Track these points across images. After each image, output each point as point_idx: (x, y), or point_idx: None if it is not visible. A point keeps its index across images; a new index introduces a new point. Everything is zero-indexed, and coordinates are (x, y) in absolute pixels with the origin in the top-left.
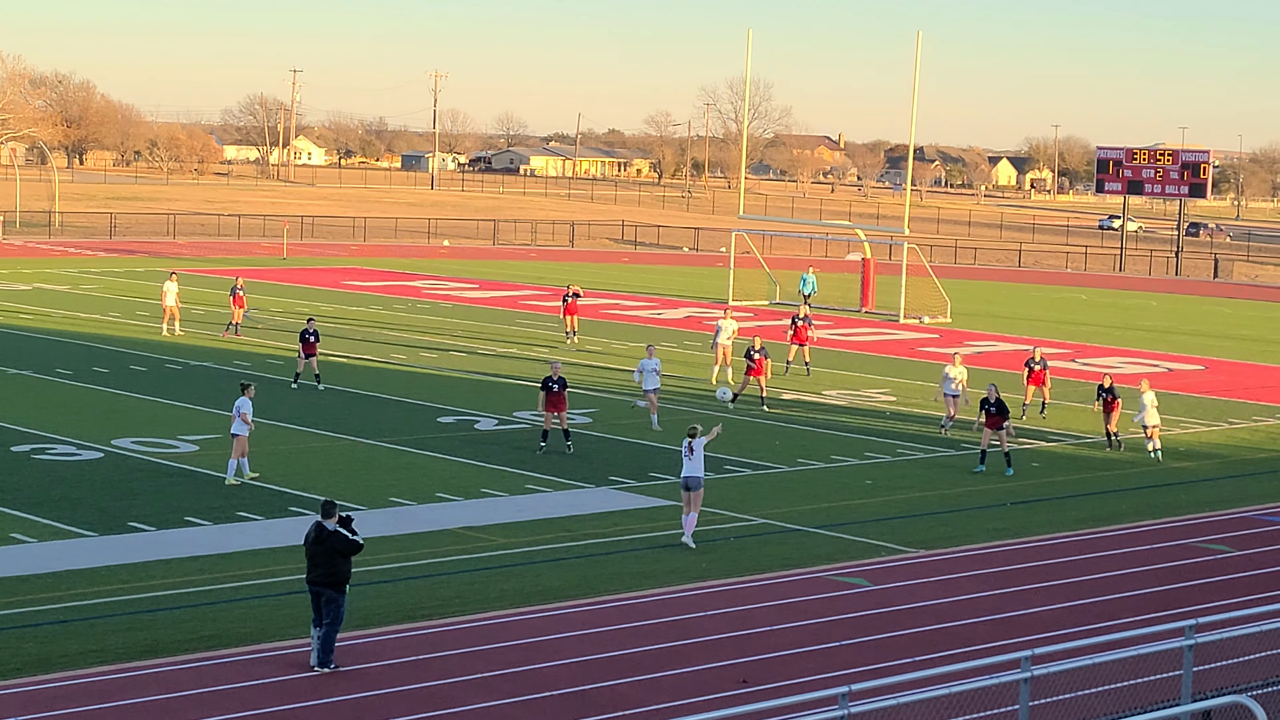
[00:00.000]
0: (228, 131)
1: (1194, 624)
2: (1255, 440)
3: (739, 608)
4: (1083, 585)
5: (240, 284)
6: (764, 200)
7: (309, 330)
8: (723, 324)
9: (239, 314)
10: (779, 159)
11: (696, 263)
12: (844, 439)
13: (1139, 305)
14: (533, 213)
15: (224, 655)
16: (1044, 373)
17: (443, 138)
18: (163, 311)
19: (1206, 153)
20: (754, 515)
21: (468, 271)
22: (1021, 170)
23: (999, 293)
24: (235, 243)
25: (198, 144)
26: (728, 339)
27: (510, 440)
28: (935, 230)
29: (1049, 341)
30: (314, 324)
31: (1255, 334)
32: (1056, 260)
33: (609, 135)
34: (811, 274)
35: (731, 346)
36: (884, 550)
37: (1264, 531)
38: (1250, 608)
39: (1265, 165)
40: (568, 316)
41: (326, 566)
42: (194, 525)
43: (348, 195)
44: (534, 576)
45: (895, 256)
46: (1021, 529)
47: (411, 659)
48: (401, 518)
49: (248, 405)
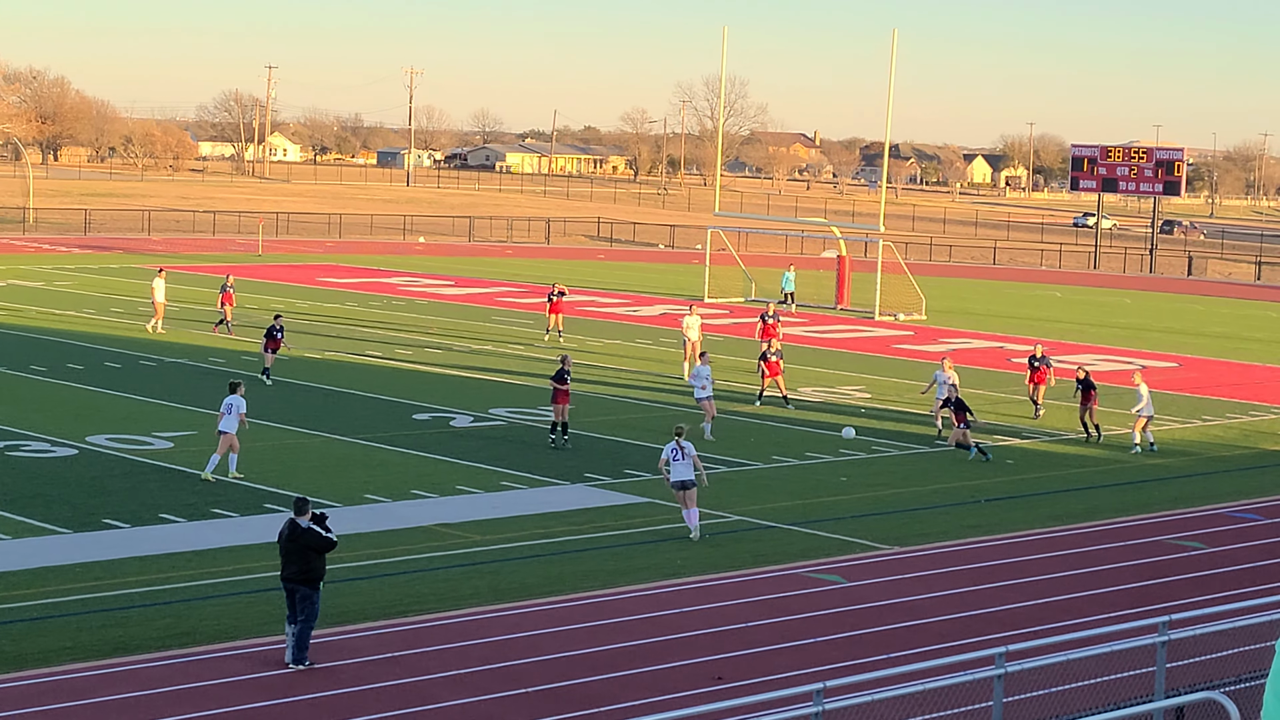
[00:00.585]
0: (203, 128)
1: (1167, 620)
2: (1228, 437)
3: (714, 604)
4: (1056, 582)
5: (230, 281)
6: (740, 197)
7: (275, 327)
8: (688, 320)
9: (230, 311)
10: (755, 156)
11: (672, 260)
12: (819, 436)
13: (1113, 303)
14: (508, 210)
15: (198, 652)
16: (1046, 370)
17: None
18: (154, 308)
19: (1181, 151)
20: (729, 512)
21: (443, 268)
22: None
23: (974, 290)
24: (210, 239)
25: (173, 140)
26: (695, 335)
27: (486, 437)
28: (910, 228)
29: (1024, 339)
30: (281, 321)
31: (1229, 331)
32: (1031, 258)
33: (585, 132)
34: (792, 272)
35: (699, 342)
36: (859, 547)
37: (1237, 528)
38: (1223, 604)
39: (1239, 163)
40: (552, 315)
41: (300, 564)
42: (168, 522)
43: (323, 192)
44: (509, 573)
45: (870, 254)
46: (996, 526)
47: (386, 656)
48: (377, 515)
49: (242, 404)
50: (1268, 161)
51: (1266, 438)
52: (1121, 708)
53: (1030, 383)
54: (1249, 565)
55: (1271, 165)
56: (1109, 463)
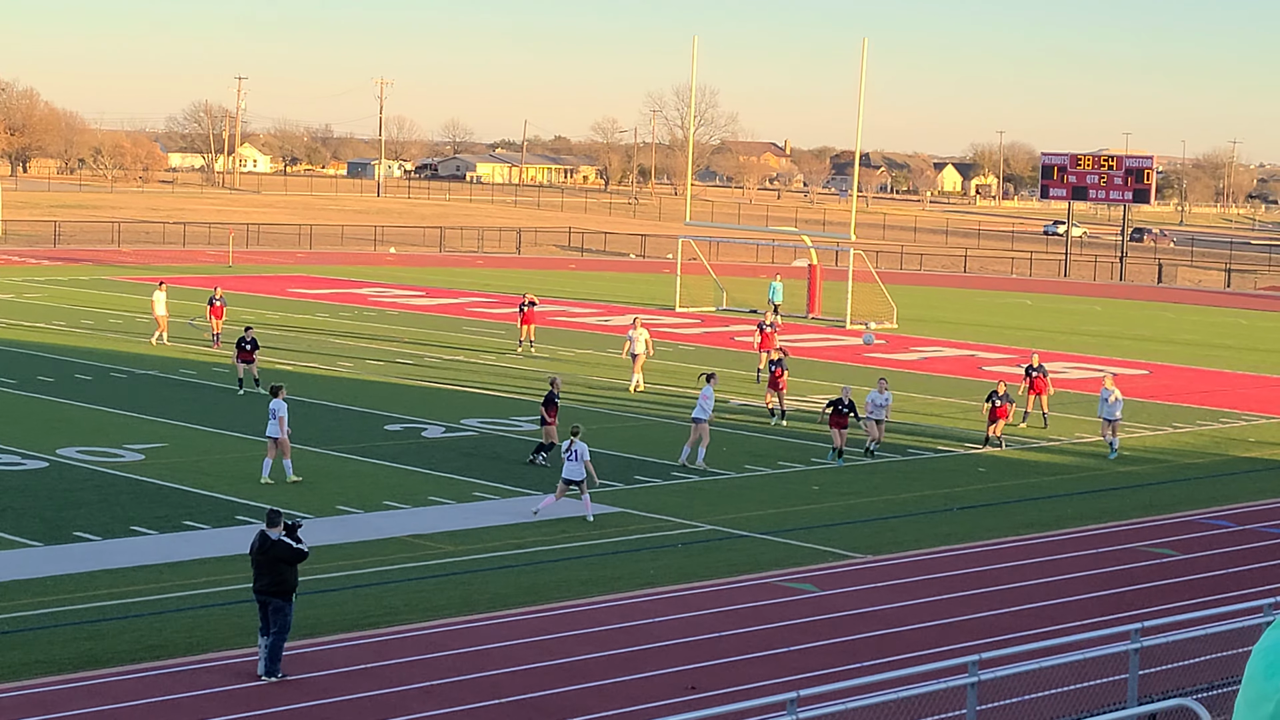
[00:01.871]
0: (172, 139)
1: (1139, 628)
2: (1199, 444)
3: (687, 614)
4: (1029, 590)
5: (219, 294)
6: (710, 207)
7: (246, 339)
8: (633, 334)
9: (218, 324)
10: (725, 165)
11: (643, 269)
12: (790, 444)
13: (1084, 310)
14: (479, 220)
15: (170, 665)
16: (1044, 380)
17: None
18: (156, 322)
19: (1150, 158)
20: (701, 521)
21: (414, 279)
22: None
23: (945, 298)
24: (180, 250)
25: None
26: (641, 348)
27: (458, 447)
28: (881, 236)
29: (995, 347)
30: (252, 333)
31: (1199, 339)
32: (1002, 266)
33: (555, 142)
34: (779, 281)
35: (645, 356)
36: (831, 555)
37: (1208, 535)
38: (1195, 611)
39: (1208, 171)
40: (524, 325)
41: (272, 575)
42: (140, 534)
43: (293, 202)
44: (482, 584)
45: (841, 262)
46: (968, 534)
47: (359, 667)
48: (349, 526)
49: (282, 408)
50: (1236, 169)
51: (1237, 444)
52: (1095, 714)
53: (1031, 393)
54: (1220, 572)
55: (1240, 173)
56: (1080, 470)
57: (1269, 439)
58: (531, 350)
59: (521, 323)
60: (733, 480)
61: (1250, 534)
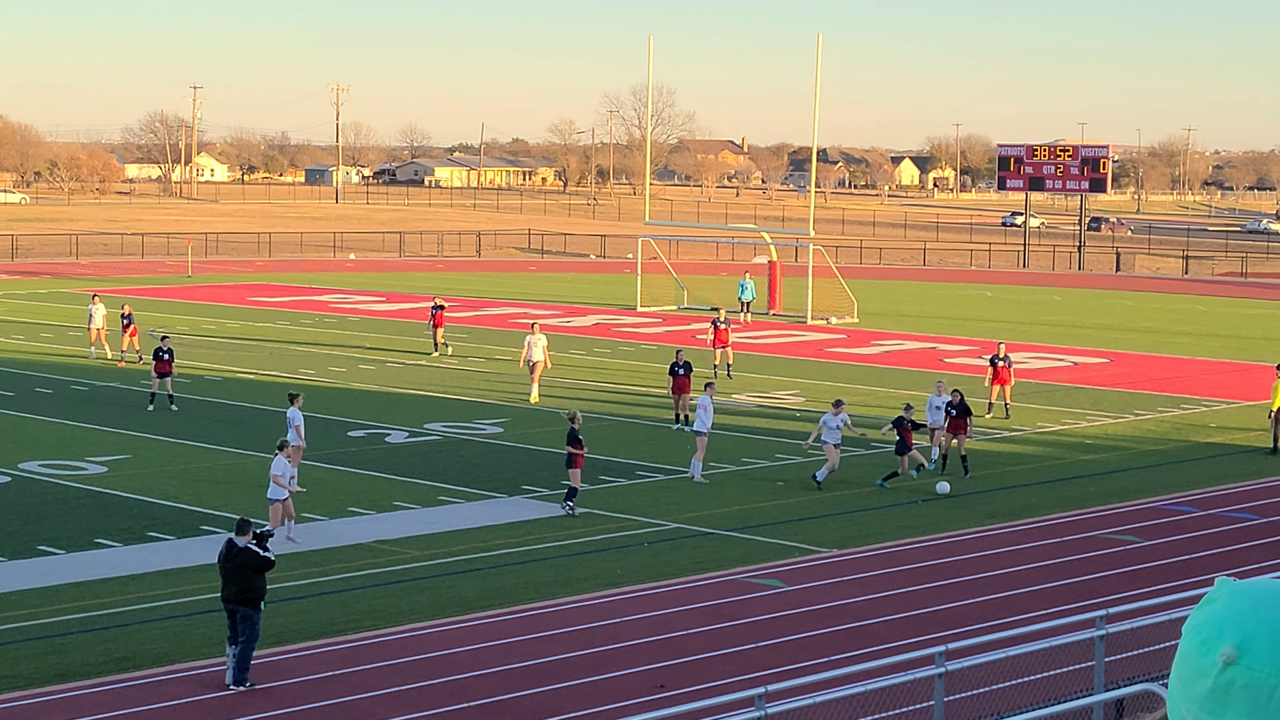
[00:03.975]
0: (129, 150)
1: (1104, 615)
2: (1160, 431)
3: (655, 613)
4: (994, 580)
5: (126, 309)
6: (670, 206)
7: (163, 349)
8: (531, 340)
9: (127, 341)
10: (683, 164)
11: (604, 270)
12: (754, 441)
13: (1043, 300)
14: (439, 224)
15: (138, 677)
16: (1008, 370)
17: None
18: (92, 334)
19: (1106, 148)
20: (667, 520)
21: (374, 284)
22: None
23: (905, 292)
24: (139, 261)
25: (99, 163)
26: (540, 356)
27: (422, 452)
28: (840, 231)
29: (956, 339)
30: (168, 342)
31: (1158, 326)
32: (961, 258)
33: (513, 145)
34: (749, 279)
35: (543, 364)
36: (797, 551)
37: (1171, 521)
38: (1159, 597)
39: (1164, 159)
40: (436, 329)
41: (240, 584)
42: (104, 547)
43: (252, 211)
44: (448, 588)
45: (801, 258)
46: (933, 526)
47: (328, 674)
48: (314, 533)
49: (297, 416)
50: (1192, 156)
51: (1198, 430)
52: (1062, 702)
53: (994, 383)
54: (1184, 557)
55: (1195, 160)
56: (1043, 460)
57: (1230, 424)
58: (448, 353)
59: (434, 326)
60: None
61: (1213, 519)
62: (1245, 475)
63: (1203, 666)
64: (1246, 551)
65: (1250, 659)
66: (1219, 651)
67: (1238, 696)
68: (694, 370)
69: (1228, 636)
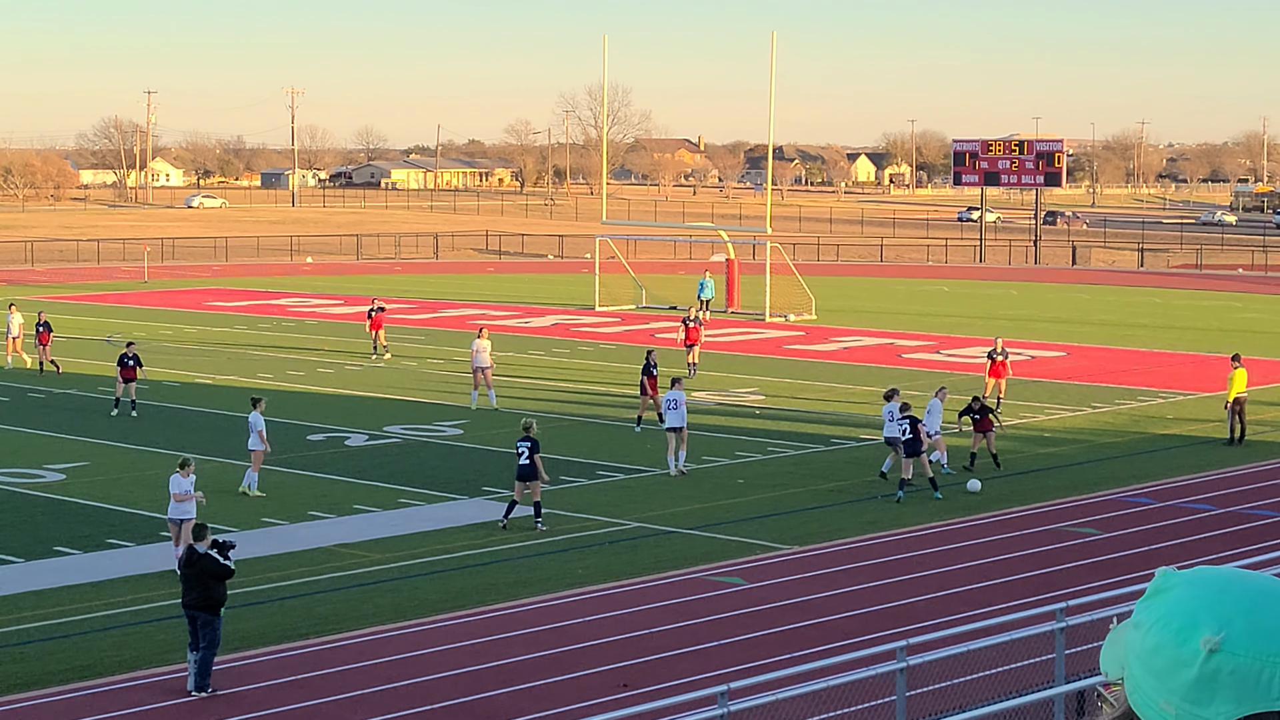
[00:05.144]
0: (83, 156)
1: (1064, 607)
2: (1118, 423)
3: (617, 612)
4: (955, 574)
5: (41, 316)
6: (627, 205)
7: (128, 355)
8: (478, 344)
9: (40, 350)
10: (640, 163)
11: (562, 270)
12: (714, 439)
13: (1000, 295)
14: (396, 226)
15: (99, 685)
16: (1004, 364)
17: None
18: (9, 344)
19: (1060, 142)
20: (628, 519)
21: (332, 288)
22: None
23: (862, 288)
24: (95, 268)
25: (53, 169)
26: (486, 361)
27: (382, 455)
28: (797, 228)
29: (914, 334)
30: (134, 349)
31: (1114, 319)
32: (917, 254)
33: (470, 146)
34: (709, 277)
35: (491, 370)
36: (758, 548)
37: (1130, 512)
38: (1119, 588)
39: (1118, 152)
40: (374, 331)
41: (200, 590)
42: (64, 555)
43: (208, 215)
44: (410, 590)
45: (759, 256)
46: (893, 521)
47: (290, 679)
48: (274, 537)
49: (261, 421)
50: (1146, 149)
51: (1155, 422)
52: (1024, 695)
53: (989, 376)
54: (1144, 548)
55: (1150, 153)
56: (1001, 454)
57: (1186, 415)
58: (386, 356)
59: (371, 328)
60: (658, 477)
61: (1171, 510)
62: (1203, 466)
63: (1183, 656)
64: (1206, 542)
65: (1233, 645)
66: (1201, 640)
67: (1224, 683)
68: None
69: (1204, 624)
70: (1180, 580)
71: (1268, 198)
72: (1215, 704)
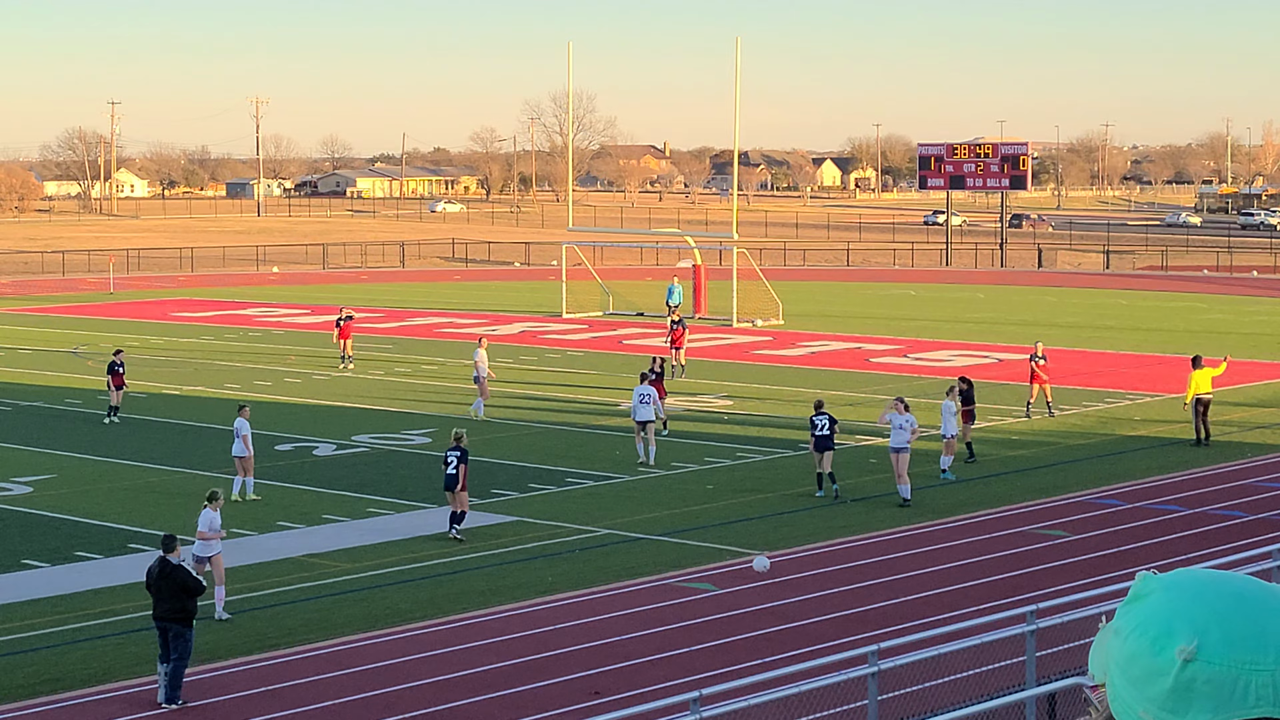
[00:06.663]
0: (47, 167)
1: (1034, 609)
2: (1085, 425)
3: (587, 619)
4: (925, 578)
5: None
6: (593, 212)
7: (117, 362)
8: (480, 354)
9: None
10: (606, 170)
11: (528, 277)
12: (683, 445)
13: (966, 298)
14: (362, 235)
15: (69, 698)
16: (1044, 369)
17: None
18: None
19: (1025, 145)
20: (598, 526)
21: (298, 297)
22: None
23: (829, 292)
24: (60, 280)
25: (16, 181)
26: (486, 372)
27: (350, 464)
28: (764, 233)
29: (882, 339)
30: (121, 356)
31: (1080, 321)
32: (884, 258)
33: (435, 154)
34: (677, 283)
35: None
36: (728, 554)
37: (1098, 514)
38: (1089, 590)
39: (1083, 154)
40: (342, 340)
41: (172, 601)
42: (31, 568)
43: (173, 226)
44: (380, 599)
45: (725, 261)
46: (862, 525)
47: (261, 690)
48: (244, 548)
49: (246, 427)
50: (1110, 151)
51: (1122, 424)
52: (995, 697)
53: (1033, 382)
54: (1113, 550)
55: (1114, 155)
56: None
57: (1154, 417)
58: (350, 366)
59: (339, 337)
60: (627, 483)
61: (1139, 511)
62: (1170, 467)
63: (1159, 665)
64: (1174, 543)
65: (1208, 653)
66: (1176, 649)
67: (1200, 692)
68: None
69: (1179, 633)
70: (1158, 585)
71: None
72: (1192, 713)
